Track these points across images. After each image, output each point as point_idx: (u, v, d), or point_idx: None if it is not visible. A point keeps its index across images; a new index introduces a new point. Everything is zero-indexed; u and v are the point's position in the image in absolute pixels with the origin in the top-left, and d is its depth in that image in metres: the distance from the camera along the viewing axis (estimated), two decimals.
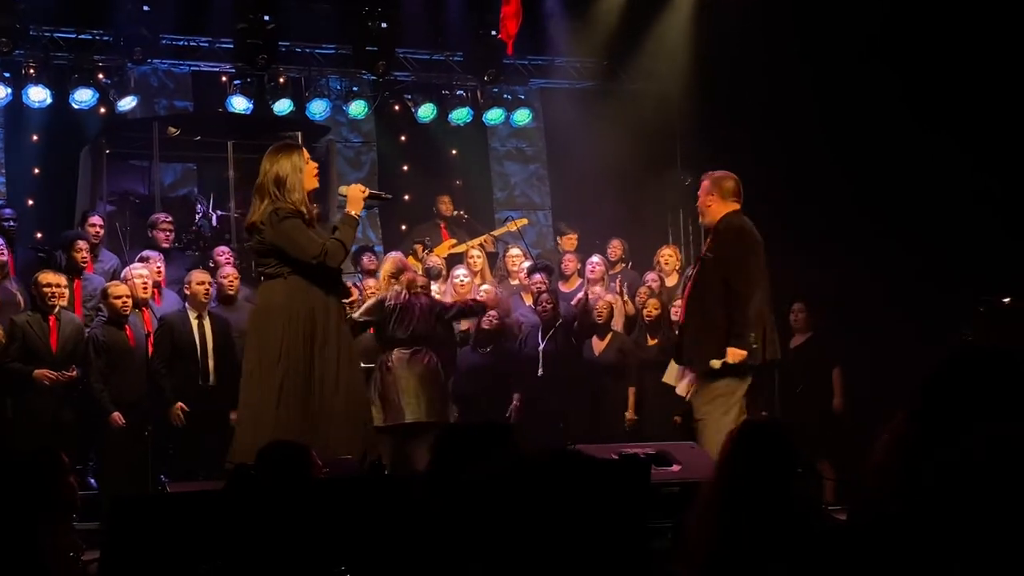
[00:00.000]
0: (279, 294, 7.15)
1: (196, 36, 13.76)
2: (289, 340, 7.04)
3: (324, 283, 7.20)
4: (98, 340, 9.41)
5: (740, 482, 3.65)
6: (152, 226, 11.47)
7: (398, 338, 9.48)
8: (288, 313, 7.08)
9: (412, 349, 9.46)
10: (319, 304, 7.15)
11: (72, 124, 13.49)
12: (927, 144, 10.35)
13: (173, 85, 14.50)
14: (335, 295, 7.32)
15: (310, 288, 7.14)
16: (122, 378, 9.43)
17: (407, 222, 14.40)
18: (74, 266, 10.38)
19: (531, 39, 13.18)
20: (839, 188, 11.17)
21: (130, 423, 9.34)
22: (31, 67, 12.85)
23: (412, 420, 9.32)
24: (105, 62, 13.22)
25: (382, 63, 13.68)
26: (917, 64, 10.55)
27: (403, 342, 9.48)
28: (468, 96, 14.36)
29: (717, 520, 3.60)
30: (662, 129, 13.82)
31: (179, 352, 9.66)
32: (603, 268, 11.35)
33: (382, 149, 15.24)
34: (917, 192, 10.47)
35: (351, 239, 7.38)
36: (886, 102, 10.76)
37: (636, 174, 13.46)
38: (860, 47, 10.99)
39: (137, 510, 6.08)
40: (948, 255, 10.13)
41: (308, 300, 7.12)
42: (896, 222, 10.64)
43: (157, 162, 13.14)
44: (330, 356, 7.12)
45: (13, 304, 9.80)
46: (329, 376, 7.11)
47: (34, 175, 13.84)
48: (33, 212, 13.10)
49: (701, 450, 6.88)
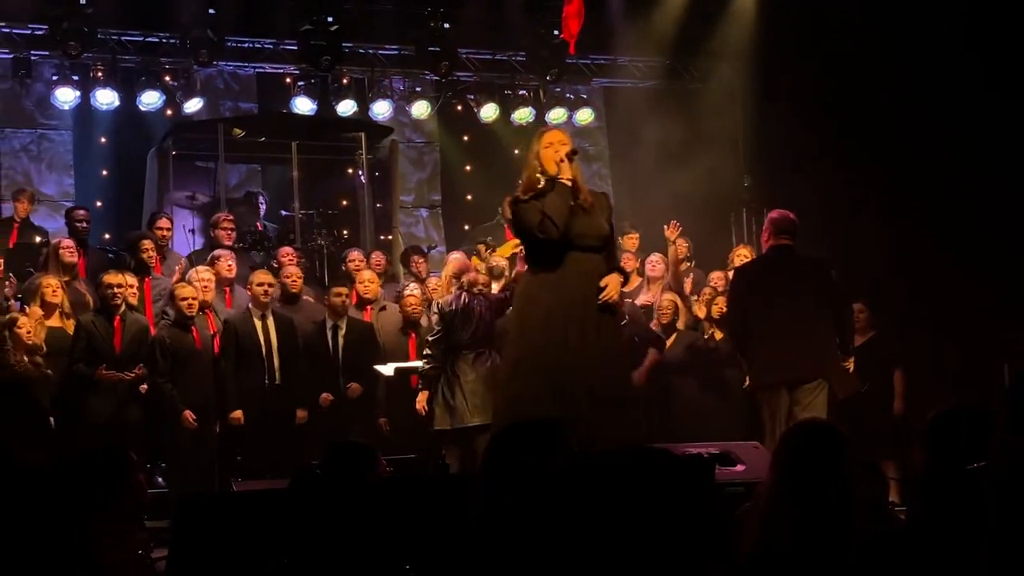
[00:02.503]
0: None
1: (260, 38, 13.87)
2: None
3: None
4: (164, 343, 9.41)
5: (786, 484, 3.65)
6: (214, 225, 11.53)
7: (462, 341, 9.44)
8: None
9: (476, 352, 9.42)
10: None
11: (139, 126, 13.65)
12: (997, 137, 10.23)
13: (238, 87, 14.60)
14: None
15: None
16: (189, 380, 9.44)
17: (470, 222, 14.44)
18: (142, 266, 10.46)
19: (593, 38, 13.14)
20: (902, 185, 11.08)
21: (197, 423, 9.38)
22: (99, 70, 13.01)
23: (478, 423, 9.29)
24: (171, 64, 13.36)
25: (445, 63, 13.72)
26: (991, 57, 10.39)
27: (467, 345, 9.44)
28: (530, 96, 14.39)
29: (761, 520, 3.60)
30: (725, 129, 13.77)
31: (243, 352, 9.67)
32: (663, 267, 11.26)
33: (445, 149, 15.29)
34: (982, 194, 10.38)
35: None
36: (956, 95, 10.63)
37: (699, 174, 13.41)
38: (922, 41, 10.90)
39: (204, 509, 6.16)
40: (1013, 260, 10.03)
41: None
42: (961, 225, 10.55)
43: (222, 163, 13.27)
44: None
45: (83, 304, 9.86)
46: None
47: (102, 177, 14.00)
48: (102, 213, 13.23)
49: (765, 450, 6.84)
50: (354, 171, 14.05)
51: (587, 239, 7.11)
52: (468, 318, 9.40)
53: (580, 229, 7.07)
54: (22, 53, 13.00)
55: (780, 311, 8.36)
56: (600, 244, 7.20)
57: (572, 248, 7.07)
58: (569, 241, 7.05)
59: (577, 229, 7.06)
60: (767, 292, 8.50)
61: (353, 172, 14.09)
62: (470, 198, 14.94)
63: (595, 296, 7.04)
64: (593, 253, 7.15)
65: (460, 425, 9.24)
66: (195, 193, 13.37)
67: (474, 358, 9.36)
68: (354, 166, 14.03)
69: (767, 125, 12.91)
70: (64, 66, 12.96)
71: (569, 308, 7.04)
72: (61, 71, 13.02)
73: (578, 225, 7.06)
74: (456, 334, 9.37)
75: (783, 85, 12.60)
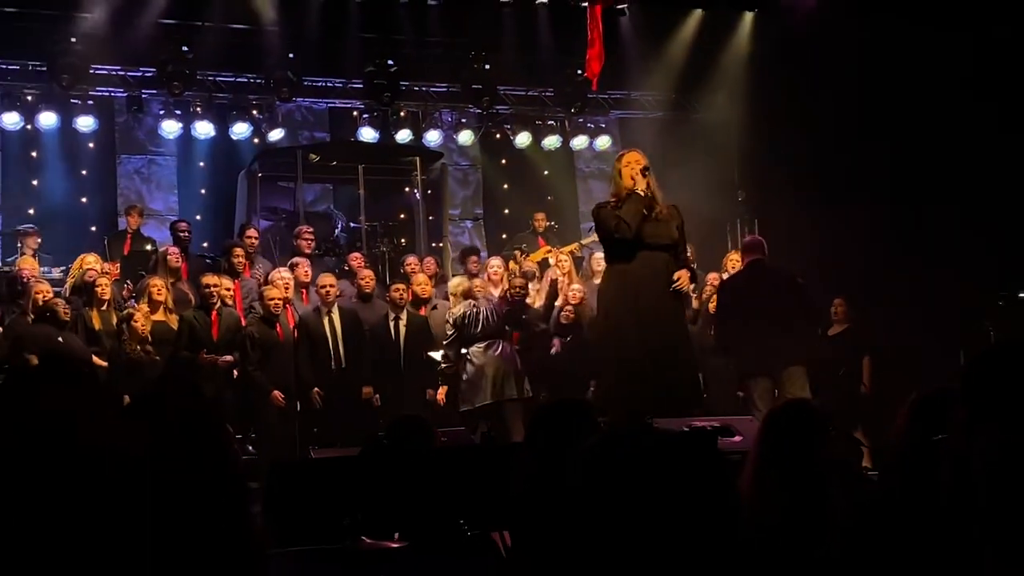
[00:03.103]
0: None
1: (332, 78, 13.90)
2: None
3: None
4: (253, 336, 9.45)
5: (770, 452, 3.64)
6: (296, 236, 11.56)
7: (475, 336, 9.56)
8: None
9: (487, 343, 9.55)
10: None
11: (231, 152, 13.71)
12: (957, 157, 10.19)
13: (313, 119, 14.65)
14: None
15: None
16: (274, 366, 9.48)
17: (507, 232, 14.46)
18: (233, 270, 10.52)
19: (611, 77, 13.10)
20: (872, 199, 11.07)
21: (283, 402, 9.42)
22: (198, 106, 13.08)
23: (493, 400, 9.39)
24: (258, 100, 13.41)
25: (486, 98, 13.73)
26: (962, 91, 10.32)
27: (478, 339, 9.56)
28: (558, 125, 14.37)
29: (748, 483, 3.60)
30: (722, 152, 13.72)
31: (314, 343, 9.71)
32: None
33: (486, 171, 15.29)
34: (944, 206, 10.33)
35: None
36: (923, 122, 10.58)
37: (699, 190, 13.37)
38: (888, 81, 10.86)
39: (288, 473, 6.22)
40: (968, 261, 9.97)
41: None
42: (923, 234, 10.53)
43: (300, 183, 13.28)
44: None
45: (186, 302, 9.94)
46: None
47: (201, 194, 14.09)
48: (200, 225, 13.30)
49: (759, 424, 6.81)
50: (410, 189, 14.07)
51: (657, 239, 7.37)
52: (476, 320, 9.54)
53: (651, 232, 7.32)
54: (135, 92, 13.08)
55: (760, 312, 8.64)
56: (669, 245, 7.50)
57: (643, 247, 7.31)
58: (641, 241, 7.30)
59: (648, 232, 7.30)
60: (748, 298, 8.85)
61: (409, 190, 14.10)
62: (507, 212, 14.95)
63: (660, 285, 7.38)
64: (661, 252, 7.38)
65: (481, 403, 9.36)
66: (277, 208, 13.42)
67: (485, 347, 9.50)
68: (410, 185, 14.04)
69: (757, 148, 12.86)
70: (169, 103, 13.04)
71: (638, 293, 7.35)
72: (167, 107, 13.10)
73: (649, 229, 7.33)
74: (468, 334, 9.49)
75: (769, 114, 12.58)
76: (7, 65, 12.60)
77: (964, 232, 10.05)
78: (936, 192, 10.44)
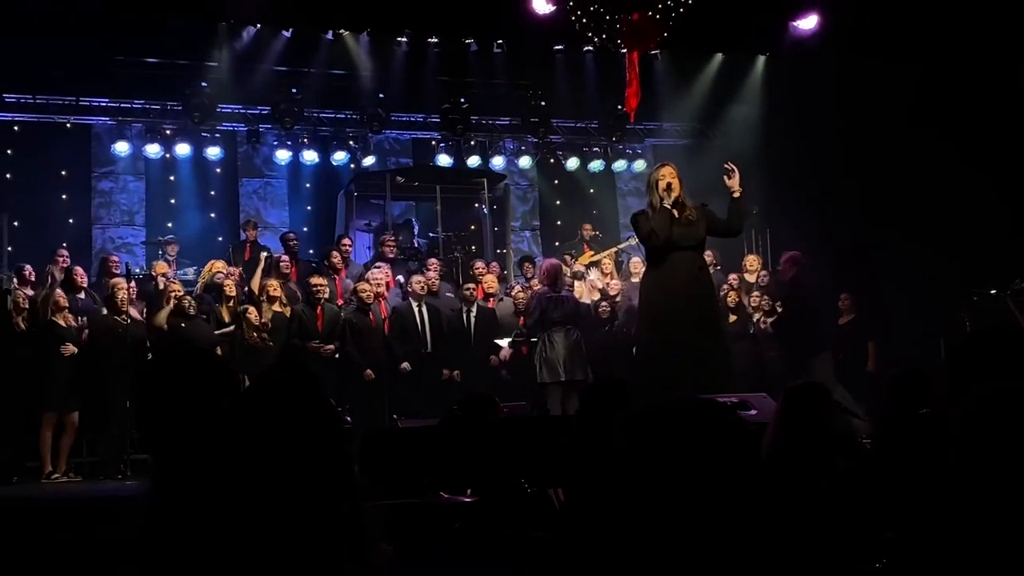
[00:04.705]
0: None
1: (414, 113, 13.99)
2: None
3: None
4: (351, 323, 9.54)
5: (785, 420, 3.64)
6: (381, 243, 11.66)
7: (555, 319, 9.46)
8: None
9: (565, 328, 9.45)
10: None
11: (332, 176, 13.80)
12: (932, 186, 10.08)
13: (399, 147, 14.69)
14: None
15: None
16: (367, 348, 9.54)
17: (559, 240, 14.44)
18: (334, 271, 10.61)
19: (646, 110, 13.00)
20: (865, 214, 11.04)
21: (374, 379, 9.47)
22: (305, 137, 13.22)
23: (566, 379, 9.30)
24: (354, 133, 13.51)
25: (542, 129, 13.77)
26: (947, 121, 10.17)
27: (557, 322, 9.46)
28: (601, 151, 14.33)
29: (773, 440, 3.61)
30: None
31: (406, 329, 9.74)
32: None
33: (542, 190, 15.25)
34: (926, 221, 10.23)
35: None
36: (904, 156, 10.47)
37: (719, 204, 13.22)
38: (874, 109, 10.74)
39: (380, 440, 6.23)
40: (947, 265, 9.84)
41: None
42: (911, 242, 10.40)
43: (389, 201, 13.35)
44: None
45: (295, 299, 10.02)
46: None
47: (307, 210, 14.19)
48: (307, 236, 13.40)
49: (770, 400, 6.73)
50: (479, 205, 14.07)
51: (687, 241, 7.29)
52: (558, 304, 9.44)
53: (681, 235, 7.23)
54: (254, 126, 13.23)
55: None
56: (696, 244, 7.43)
57: (675, 249, 7.23)
58: (673, 244, 7.22)
59: (679, 235, 7.21)
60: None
61: (478, 206, 14.11)
62: (559, 223, 14.89)
63: (692, 281, 7.29)
64: (690, 251, 7.27)
65: (556, 379, 9.27)
66: (370, 222, 13.49)
67: (564, 332, 9.39)
68: (479, 202, 14.05)
69: (768, 169, 12.72)
70: (282, 135, 13.19)
71: (673, 290, 7.27)
72: (279, 139, 13.26)
73: (679, 233, 7.22)
74: (550, 314, 9.39)
75: (778, 139, 12.54)
76: (150, 105, 12.84)
77: (944, 242, 9.99)
78: (919, 210, 10.36)
